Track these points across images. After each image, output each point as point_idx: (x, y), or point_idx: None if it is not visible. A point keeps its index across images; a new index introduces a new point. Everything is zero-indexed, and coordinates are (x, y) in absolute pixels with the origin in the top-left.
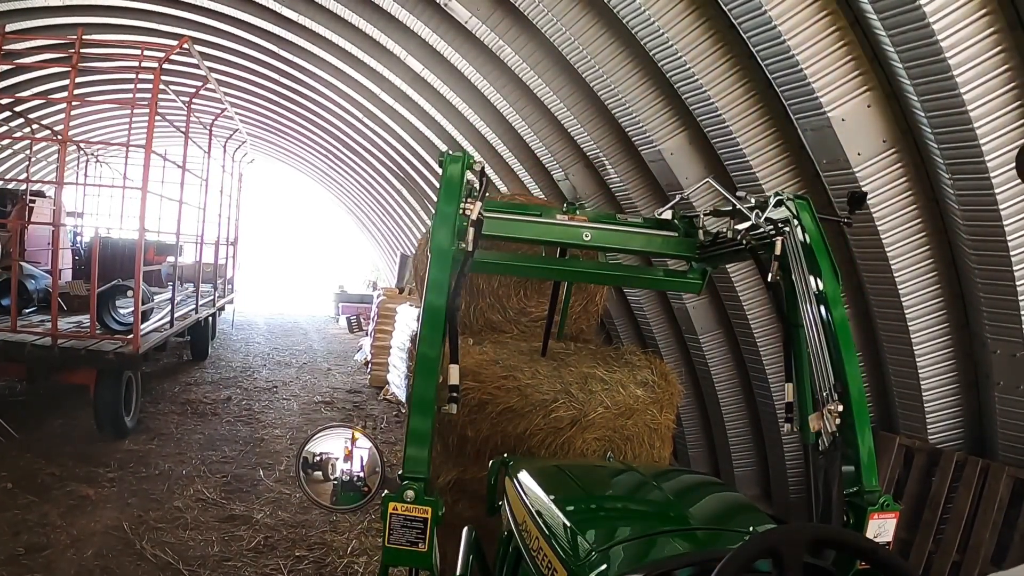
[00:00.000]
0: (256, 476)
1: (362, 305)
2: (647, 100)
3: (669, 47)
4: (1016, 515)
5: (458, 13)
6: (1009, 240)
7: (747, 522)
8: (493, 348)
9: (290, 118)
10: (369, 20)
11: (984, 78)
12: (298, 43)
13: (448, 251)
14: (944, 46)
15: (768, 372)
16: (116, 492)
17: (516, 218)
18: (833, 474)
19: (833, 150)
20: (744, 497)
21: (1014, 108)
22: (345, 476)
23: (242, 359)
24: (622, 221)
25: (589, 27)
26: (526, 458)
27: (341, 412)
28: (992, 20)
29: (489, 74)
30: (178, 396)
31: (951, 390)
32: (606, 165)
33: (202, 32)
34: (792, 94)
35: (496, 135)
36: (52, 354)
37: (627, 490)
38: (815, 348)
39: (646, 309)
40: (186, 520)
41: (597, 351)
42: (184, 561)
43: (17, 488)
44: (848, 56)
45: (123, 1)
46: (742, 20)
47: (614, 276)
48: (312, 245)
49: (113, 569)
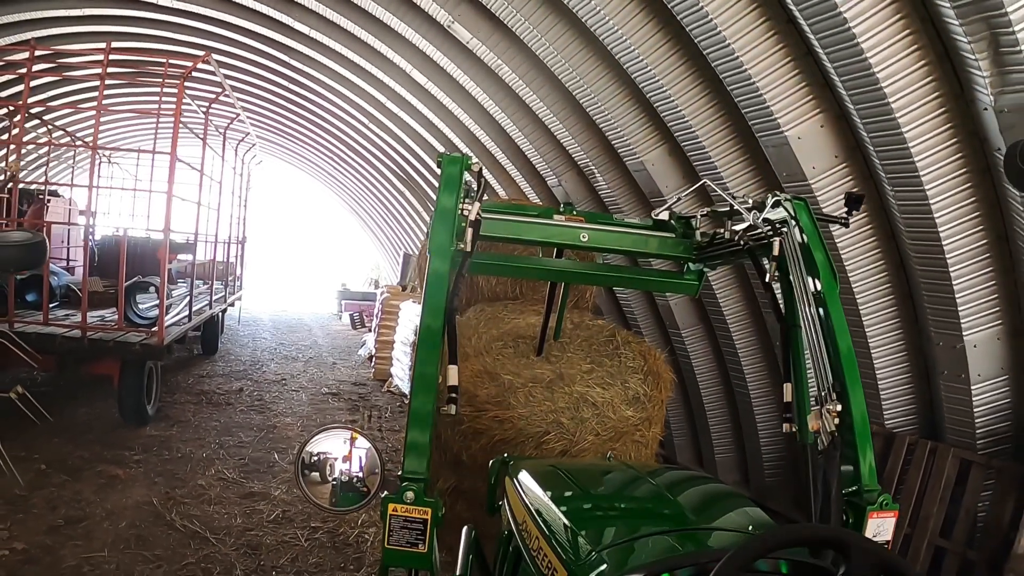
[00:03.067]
0: (271, 459)
1: (364, 303)
2: (630, 116)
3: (648, 71)
4: (962, 492)
5: (460, 35)
6: (944, 244)
7: (747, 522)
8: (491, 357)
9: (297, 121)
10: (376, 35)
11: (916, 104)
12: (307, 53)
13: (447, 251)
14: (880, 77)
15: (744, 364)
16: (143, 472)
17: (514, 219)
18: (832, 473)
19: (792, 164)
20: (744, 497)
21: (944, 130)
22: (344, 477)
23: (250, 354)
24: (619, 222)
25: (578, 51)
26: (526, 458)
27: (348, 403)
28: (923, 54)
29: (488, 88)
30: (192, 387)
31: (904, 379)
32: (595, 173)
33: (214, 41)
34: (755, 115)
35: (494, 143)
36: (81, 346)
37: (627, 490)
38: (813, 348)
39: (634, 306)
40: (209, 496)
41: (592, 342)
42: (211, 531)
43: (50, 469)
44: (802, 83)
45: (146, 12)
46: (709, 51)
47: (611, 277)
48: (314, 244)
49: (147, 537)
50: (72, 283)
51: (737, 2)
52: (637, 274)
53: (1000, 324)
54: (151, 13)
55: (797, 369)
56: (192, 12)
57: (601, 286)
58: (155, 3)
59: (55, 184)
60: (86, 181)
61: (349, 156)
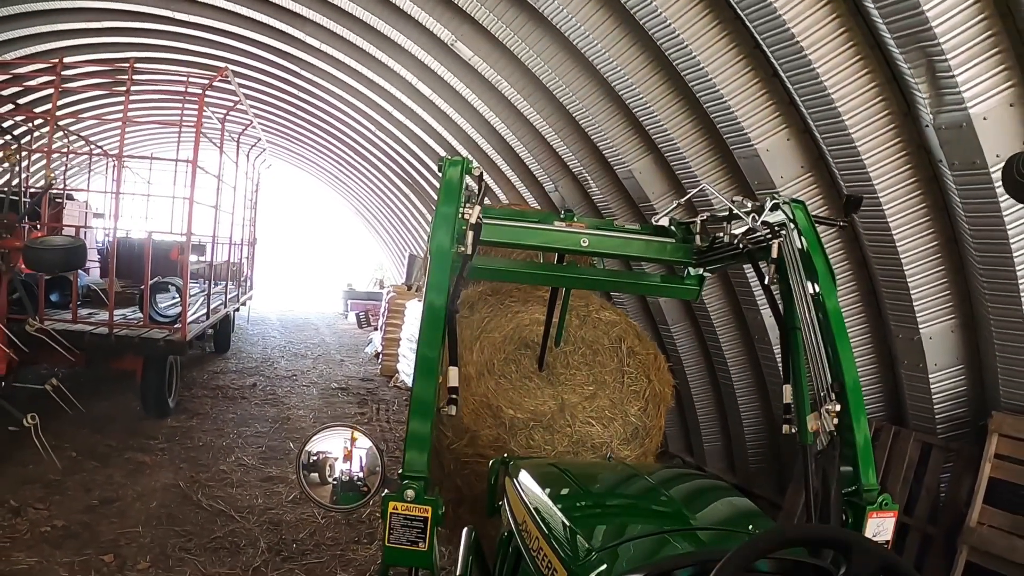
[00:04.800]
0: (287, 447)
1: (370, 302)
2: (619, 129)
3: (633, 89)
4: (924, 473)
5: (463, 52)
6: (899, 246)
7: (747, 522)
8: (492, 380)
9: (305, 127)
10: (382, 49)
11: (868, 121)
12: (316, 63)
13: (448, 253)
14: (835, 97)
15: (728, 358)
16: (168, 459)
17: (514, 224)
18: (831, 474)
19: (762, 174)
20: (744, 497)
21: (894, 144)
22: (345, 476)
23: (261, 351)
24: (620, 228)
25: (571, 69)
26: (526, 458)
27: (356, 397)
28: (872, 77)
29: (488, 100)
30: (208, 383)
31: (871, 369)
32: (589, 180)
33: (228, 52)
34: (727, 129)
35: (495, 149)
36: (109, 342)
37: (627, 490)
38: (812, 349)
39: (628, 305)
40: (232, 479)
41: (596, 347)
42: (235, 510)
43: (80, 456)
44: (769, 101)
45: (164, 25)
46: (686, 72)
47: (612, 282)
48: (320, 245)
49: (176, 515)
50: (92, 283)
51: (709, 30)
52: (639, 279)
53: (953, 318)
54: (169, 26)
55: (796, 370)
56: (207, 26)
57: (603, 291)
58: (172, 17)
59: (85, 190)
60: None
61: (355, 160)
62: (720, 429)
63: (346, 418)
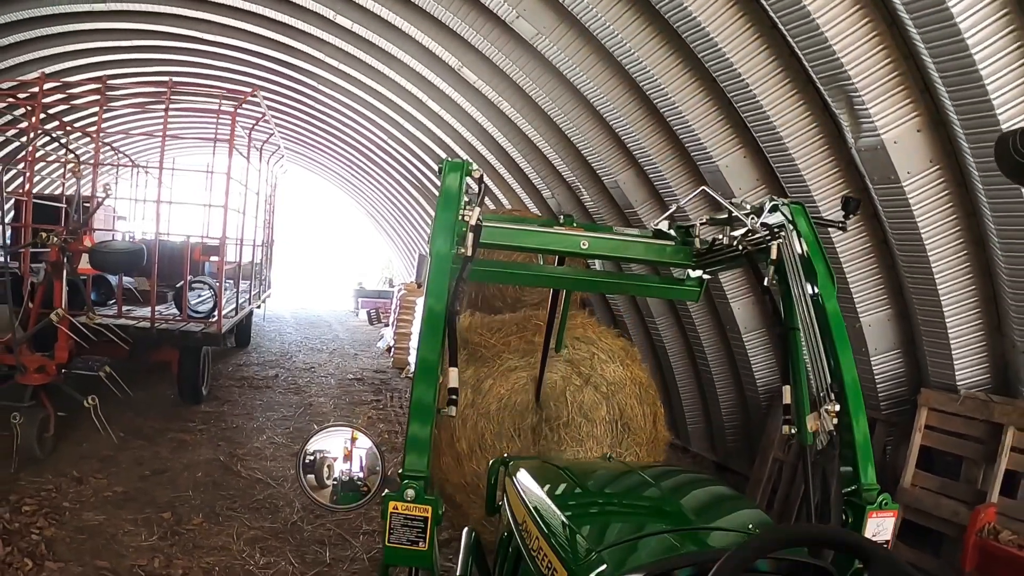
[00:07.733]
0: (312, 427)
1: (380, 300)
2: (605, 145)
3: (615, 113)
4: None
5: (467, 76)
6: (837, 246)
7: (746, 521)
8: (485, 458)
9: (318, 133)
10: (394, 68)
11: (806, 143)
12: (328, 78)
13: (448, 256)
14: (777, 124)
15: (705, 346)
16: (207, 438)
17: (515, 227)
18: (831, 474)
19: (723, 186)
20: (743, 497)
21: (829, 161)
22: (345, 476)
23: (279, 346)
24: (619, 232)
25: (562, 94)
26: (526, 458)
27: (371, 386)
28: (808, 107)
29: (489, 114)
30: (233, 374)
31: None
32: (580, 188)
33: (249, 68)
34: (693, 148)
35: (496, 158)
36: (151, 335)
37: (627, 490)
38: (811, 350)
39: (618, 300)
40: (265, 455)
41: (588, 437)
42: (271, 479)
43: (128, 436)
44: (727, 124)
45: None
46: (657, 100)
47: (612, 284)
48: (331, 244)
49: (220, 483)
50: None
51: (675, 67)
52: (639, 281)
53: (888, 308)
54: (196, 44)
55: (796, 371)
56: (229, 44)
57: (603, 293)
58: (197, 36)
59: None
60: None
61: (366, 165)
62: (702, 412)
63: (363, 405)
